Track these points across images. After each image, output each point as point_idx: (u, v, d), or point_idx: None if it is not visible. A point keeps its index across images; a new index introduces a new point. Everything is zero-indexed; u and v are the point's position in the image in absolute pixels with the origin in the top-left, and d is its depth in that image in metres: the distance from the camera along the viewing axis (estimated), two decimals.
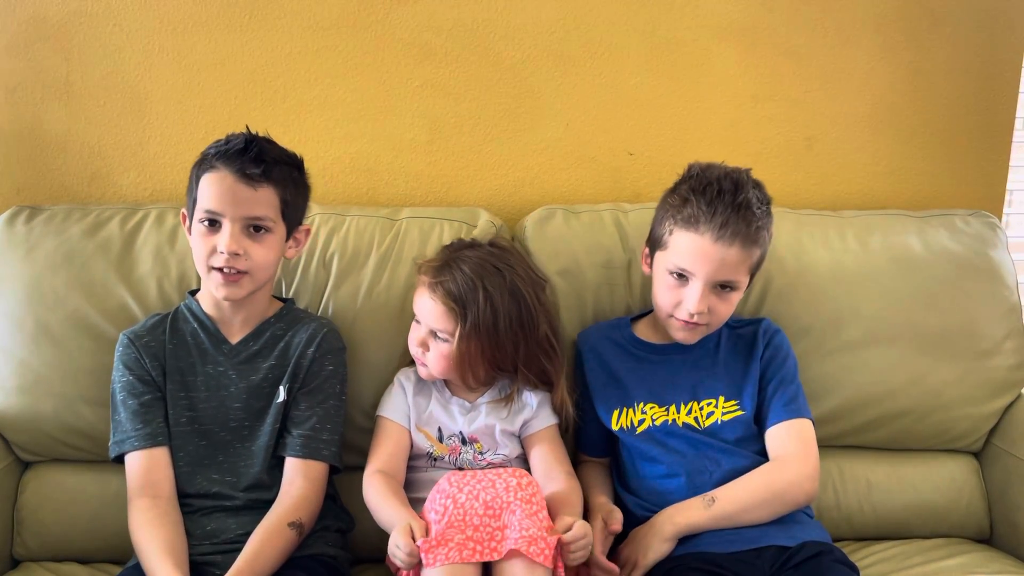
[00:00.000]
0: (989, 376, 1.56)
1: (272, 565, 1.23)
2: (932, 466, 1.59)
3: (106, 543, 1.44)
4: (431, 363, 1.37)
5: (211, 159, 1.29)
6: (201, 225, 1.29)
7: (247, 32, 1.65)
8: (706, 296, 1.31)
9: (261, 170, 1.28)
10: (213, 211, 1.28)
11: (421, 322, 1.37)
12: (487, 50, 1.69)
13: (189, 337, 1.36)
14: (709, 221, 1.29)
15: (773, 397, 1.38)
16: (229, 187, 1.27)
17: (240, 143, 1.30)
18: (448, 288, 1.33)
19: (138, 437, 1.30)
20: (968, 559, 1.46)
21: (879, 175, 1.78)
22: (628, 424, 1.39)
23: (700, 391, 1.39)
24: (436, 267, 1.37)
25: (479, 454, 1.39)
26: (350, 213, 1.58)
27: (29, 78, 1.64)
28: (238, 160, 1.28)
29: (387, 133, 1.70)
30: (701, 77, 1.72)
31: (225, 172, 1.28)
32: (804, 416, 1.37)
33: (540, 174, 1.74)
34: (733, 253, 1.29)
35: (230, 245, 1.27)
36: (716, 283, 1.32)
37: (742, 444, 1.36)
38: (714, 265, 1.30)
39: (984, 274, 1.59)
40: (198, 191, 1.30)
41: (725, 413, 1.37)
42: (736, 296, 1.35)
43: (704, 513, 1.29)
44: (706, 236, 1.29)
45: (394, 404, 1.41)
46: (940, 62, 1.75)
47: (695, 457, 1.35)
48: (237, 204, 1.28)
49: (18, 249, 1.49)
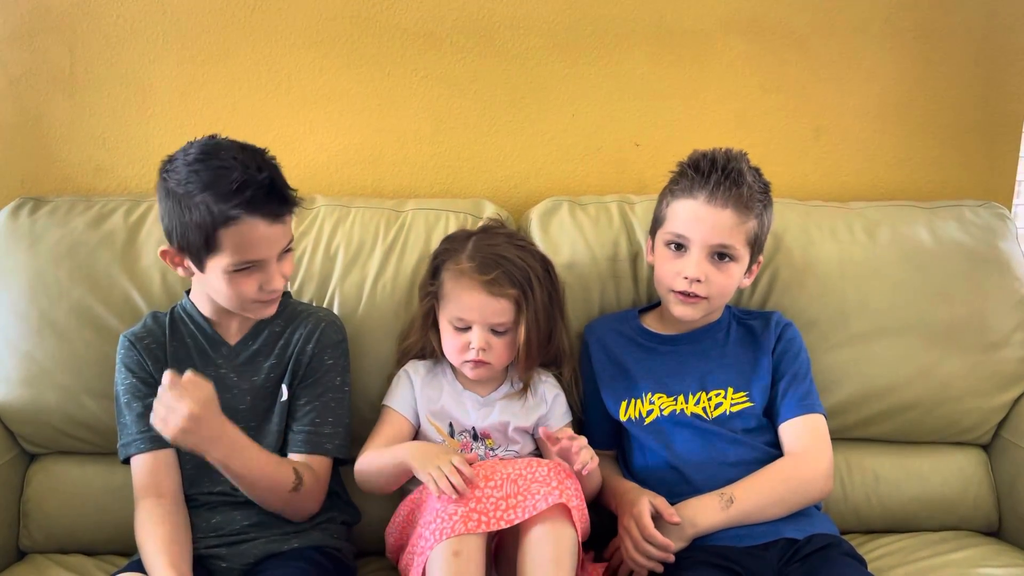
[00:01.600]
0: (998, 368, 1.55)
1: (260, 469, 1.23)
2: (940, 459, 1.58)
3: (112, 535, 1.44)
4: (496, 359, 1.34)
5: (235, 206, 1.18)
6: (233, 273, 1.23)
7: (251, 23, 1.64)
8: (703, 263, 1.32)
9: (283, 209, 1.23)
10: (251, 261, 1.22)
11: (475, 323, 1.32)
12: (492, 41, 1.68)
13: (188, 339, 1.35)
14: (702, 187, 1.32)
15: (787, 392, 1.37)
16: (261, 235, 1.21)
17: (260, 186, 1.19)
18: (504, 281, 1.31)
19: (143, 440, 1.29)
20: (976, 552, 1.45)
21: (888, 165, 1.77)
22: (636, 415, 1.39)
23: (709, 381, 1.39)
24: (479, 264, 1.32)
25: (490, 450, 1.38)
26: (355, 205, 1.58)
27: (33, 69, 1.64)
28: (264, 206, 1.20)
29: (392, 125, 1.70)
30: (708, 67, 1.71)
31: (254, 221, 1.20)
32: (818, 411, 1.37)
33: (546, 165, 1.73)
34: (726, 216, 1.31)
35: (277, 285, 1.25)
36: (712, 249, 1.32)
37: (751, 435, 1.36)
38: (707, 227, 1.31)
39: (993, 265, 1.58)
40: (218, 245, 1.20)
41: (734, 404, 1.37)
42: (735, 268, 1.34)
43: (723, 515, 1.28)
44: (699, 199, 1.33)
45: (399, 395, 1.40)
46: (949, 51, 1.73)
47: (703, 448, 1.35)
48: (274, 242, 1.23)
49: (22, 241, 1.49)
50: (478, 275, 1.31)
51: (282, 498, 1.26)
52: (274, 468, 1.25)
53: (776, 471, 1.32)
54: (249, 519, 1.29)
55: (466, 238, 1.38)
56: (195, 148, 1.23)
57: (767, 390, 1.38)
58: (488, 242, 1.36)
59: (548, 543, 1.15)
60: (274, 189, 1.21)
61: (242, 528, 1.29)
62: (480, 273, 1.31)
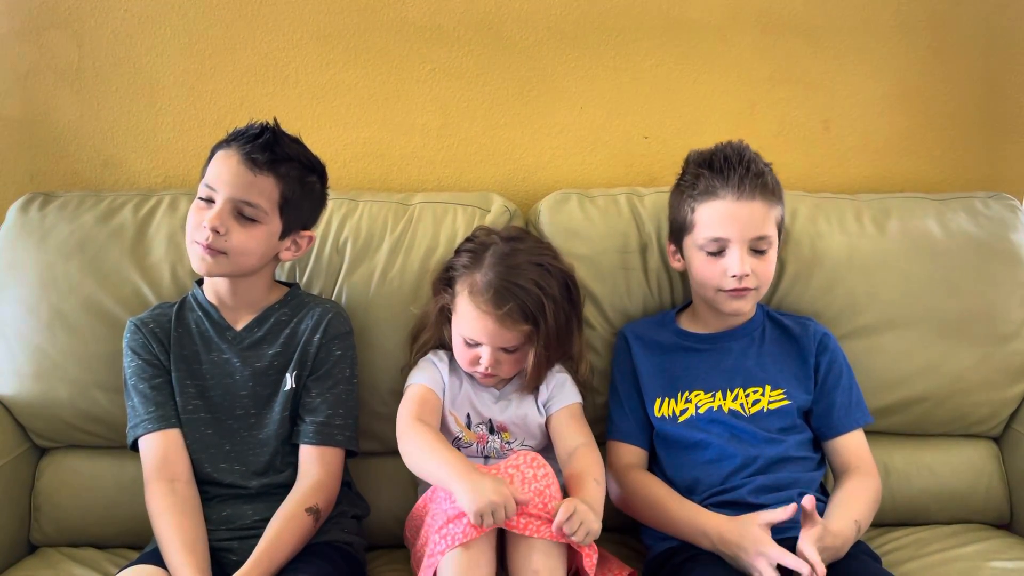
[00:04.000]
0: (1009, 361, 1.54)
1: (290, 550, 1.23)
2: (951, 452, 1.57)
3: (123, 528, 1.45)
4: (507, 372, 1.36)
5: (228, 138, 1.31)
6: (199, 200, 1.30)
7: (258, 17, 1.64)
8: (746, 259, 1.33)
9: (266, 158, 1.28)
10: (211, 187, 1.29)
11: (485, 344, 1.31)
12: (500, 34, 1.67)
13: (194, 325, 1.36)
14: (726, 184, 1.33)
15: (842, 405, 1.39)
16: (231, 167, 1.28)
17: (257, 129, 1.31)
18: (517, 316, 1.28)
19: (151, 420, 1.30)
20: (988, 545, 1.44)
21: (897, 157, 1.76)
22: (670, 413, 1.38)
23: (747, 379, 1.39)
24: (492, 296, 1.28)
25: (506, 443, 1.38)
26: (363, 199, 1.58)
27: (41, 64, 1.64)
28: (248, 144, 1.29)
29: (399, 118, 1.69)
30: (716, 59, 1.70)
31: (233, 152, 1.29)
32: (869, 420, 1.40)
33: (553, 158, 1.72)
34: (757, 207, 1.33)
35: (213, 221, 1.26)
36: (751, 241, 1.33)
37: (785, 433, 1.36)
38: (744, 222, 1.33)
39: (1004, 257, 1.57)
40: (208, 166, 1.32)
41: (772, 402, 1.37)
42: (773, 254, 1.37)
43: (855, 536, 1.27)
44: (728, 198, 1.33)
45: (428, 375, 1.37)
46: (959, 43, 1.72)
47: (737, 446, 1.34)
48: (233, 185, 1.28)
49: (32, 236, 1.49)
50: (491, 308, 1.28)
51: (313, 530, 1.28)
52: (298, 535, 1.25)
53: (867, 490, 1.33)
54: (259, 514, 1.29)
55: (484, 250, 1.34)
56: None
57: (804, 392, 1.39)
58: (508, 263, 1.30)
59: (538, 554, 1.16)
60: (263, 135, 1.30)
61: (253, 523, 1.29)
62: (494, 307, 1.28)
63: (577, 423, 1.37)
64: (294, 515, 1.25)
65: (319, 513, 1.28)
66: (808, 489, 1.31)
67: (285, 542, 1.23)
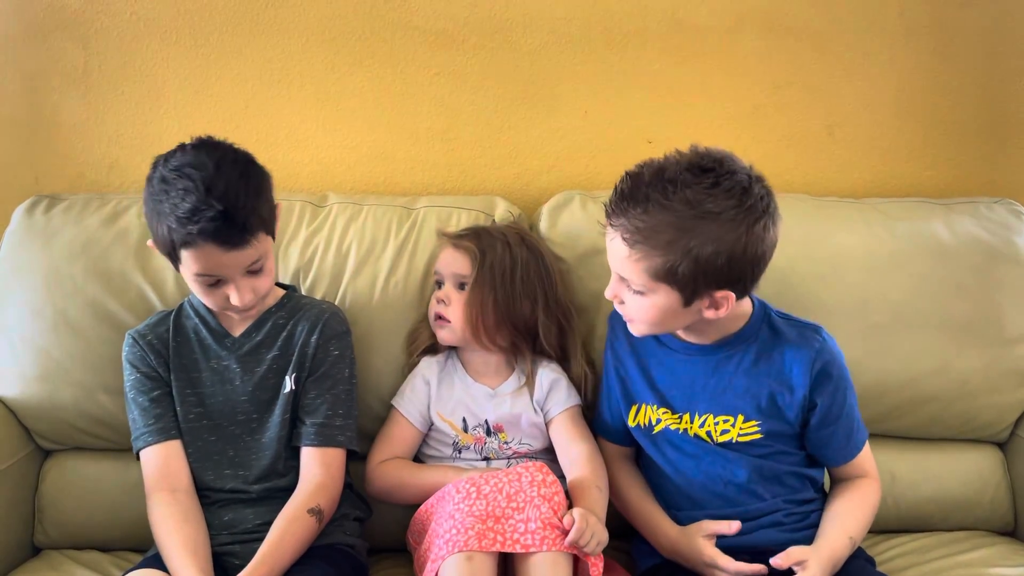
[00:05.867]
0: (1016, 364, 1.53)
1: (294, 552, 1.23)
2: (956, 458, 1.57)
3: (126, 531, 1.45)
4: (453, 315, 1.38)
5: (185, 235, 1.19)
6: (199, 282, 1.25)
7: (263, 21, 1.65)
8: (616, 284, 1.24)
9: (244, 235, 1.21)
10: (211, 275, 1.24)
11: (443, 276, 1.41)
12: (504, 37, 1.67)
13: (192, 333, 1.36)
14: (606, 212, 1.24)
15: (841, 439, 1.30)
16: (218, 260, 1.22)
17: (213, 218, 1.17)
18: (468, 237, 1.41)
19: (151, 432, 1.31)
20: (991, 552, 1.44)
21: (902, 162, 1.75)
22: (645, 422, 1.34)
23: (718, 405, 1.29)
24: (458, 232, 1.45)
25: (504, 444, 1.38)
26: (367, 202, 1.58)
27: (47, 67, 1.64)
28: (216, 236, 1.19)
29: (404, 122, 1.70)
30: (721, 64, 1.70)
31: (210, 247, 1.20)
32: (864, 438, 1.34)
33: (557, 162, 1.72)
34: (616, 247, 1.21)
35: (244, 300, 1.26)
36: (618, 276, 1.24)
37: (758, 460, 1.29)
38: (610, 254, 1.23)
39: (1010, 261, 1.56)
40: (182, 260, 1.23)
41: (742, 434, 1.28)
42: (643, 300, 1.21)
43: (849, 553, 1.25)
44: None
45: (409, 398, 1.41)
46: (964, 47, 1.71)
47: (711, 464, 1.30)
48: (234, 266, 1.23)
49: (37, 239, 1.50)
50: (451, 236, 1.44)
51: (316, 531, 1.28)
52: (301, 536, 1.25)
53: (869, 502, 1.31)
54: (261, 517, 1.29)
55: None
56: (176, 157, 1.22)
57: (784, 422, 1.28)
58: (491, 226, 1.47)
59: (548, 566, 1.16)
60: (227, 221, 1.18)
61: (255, 527, 1.29)
62: (455, 236, 1.43)
63: (576, 428, 1.39)
64: (297, 517, 1.26)
65: (322, 514, 1.28)
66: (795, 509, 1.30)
67: (288, 544, 1.23)
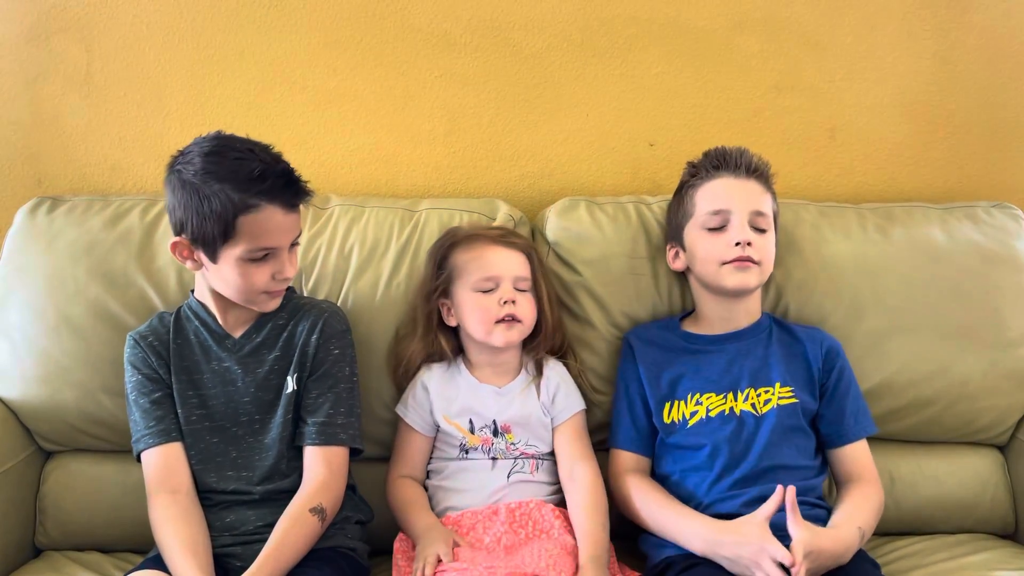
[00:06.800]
0: (1015, 367, 1.54)
1: (297, 552, 1.23)
2: (956, 460, 1.57)
3: (128, 532, 1.45)
4: (525, 315, 1.38)
5: (250, 197, 1.22)
6: (247, 262, 1.25)
7: (266, 22, 1.65)
8: (747, 227, 1.37)
9: (302, 198, 1.28)
10: (263, 247, 1.25)
11: (501, 279, 1.37)
12: (507, 40, 1.68)
13: (192, 335, 1.36)
14: (725, 166, 1.42)
15: (853, 413, 1.41)
16: (278, 223, 1.25)
17: (279, 175, 1.24)
18: (513, 234, 1.44)
19: (152, 434, 1.30)
20: (992, 555, 1.44)
21: (902, 166, 1.75)
22: (679, 417, 1.39)
23: (757, 378, 1.40)
24: (495, 229, 1.46)
25: (511, 444, 1.39)
26: (369, 204, 1.58)
27: (50, 69, 1.64)
28: (282, 195, 1.25)
29: (406, 124, 1.70)
30: (722, 67, 1.71)
31: (272, 209, 1.24)
32: (872, 431, 1.43)
33: (560, 165, 1.73)
34: (755, 186, 1.41)
35: (289, 273, 1.29)
36: (752, 216, 1.38)
37: (791, 433, 1.37)
38: (745, 194, 1.40)
39: (1009, 264, 1.57)
40: (236, 233, 1.23)
41: (782, 398, 1.38)
42: (771, 236, 1.42)
43: (859, 545, 1.28)
44: (728, 176, 1.42)
45: (412, 408, 1.42)
46: (966, 51, 1.72)
47: (744, 450, 1.35)
48: (288, 232, 1.28)
49: (39, 240, 1.50)
50: (491, 232, 1.43)
51: (319, 531, 1.28)
52: (303, 536, 1.25)
53: (875, 501, 1.36)
54: (263, 519, 1.29)
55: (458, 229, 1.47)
56: (207, 141, 1.26)
57: (810, 395, 1.40)
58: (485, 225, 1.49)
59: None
60: (292, 179, 1.26)
61: (256, 528, 1.29)
62: (499, 233, 1.43)
63: (581, 442, 1.41)
64: (299, 516, 1.25)
65: (324, 513, 1.27)
66: (805, 497, 1.31)
67: (291, 544, 1.23)
